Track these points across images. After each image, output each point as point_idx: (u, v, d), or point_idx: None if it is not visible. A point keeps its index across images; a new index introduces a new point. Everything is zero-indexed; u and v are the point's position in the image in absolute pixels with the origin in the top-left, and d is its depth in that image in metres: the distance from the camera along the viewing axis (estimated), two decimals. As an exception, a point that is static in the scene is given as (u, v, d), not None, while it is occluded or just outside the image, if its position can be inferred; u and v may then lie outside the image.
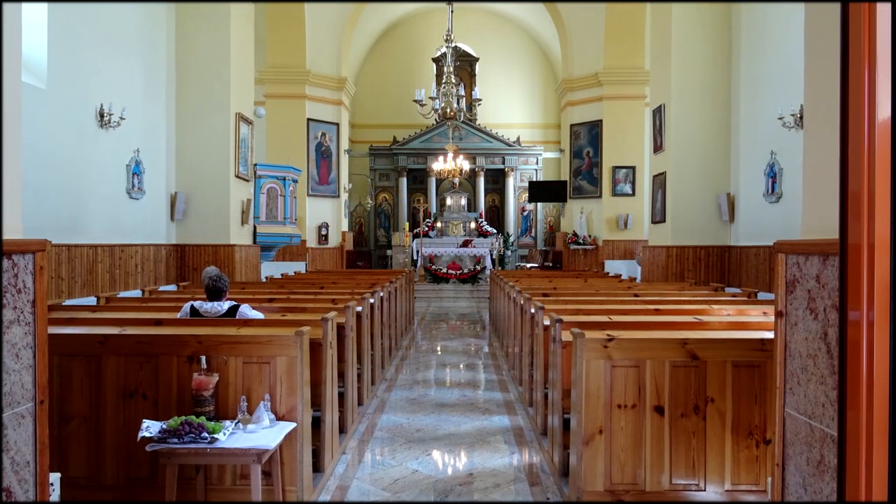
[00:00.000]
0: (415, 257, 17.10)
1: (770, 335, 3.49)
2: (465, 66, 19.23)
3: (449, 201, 19.49)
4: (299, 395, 3.56)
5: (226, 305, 4.56)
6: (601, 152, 15.78)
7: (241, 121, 10.10)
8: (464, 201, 19.44)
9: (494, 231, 18.82)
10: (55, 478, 2.75)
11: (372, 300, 6.50)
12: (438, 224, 18.91)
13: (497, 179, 19.96)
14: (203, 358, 3.49)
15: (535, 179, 19.12)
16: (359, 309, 5.71)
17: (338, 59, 16.14)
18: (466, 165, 16.94)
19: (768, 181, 8.82)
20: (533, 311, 5.53)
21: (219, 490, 3.57)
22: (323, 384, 4.06)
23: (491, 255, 16.75)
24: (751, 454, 3.51)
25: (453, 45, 13.52)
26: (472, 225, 18.95)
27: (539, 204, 19.15)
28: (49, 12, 6.93)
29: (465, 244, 17.51)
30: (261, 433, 3.29)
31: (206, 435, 3.12)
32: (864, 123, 1.92)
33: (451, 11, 13.49)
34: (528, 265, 17.84)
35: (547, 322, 4.81)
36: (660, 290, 7.75)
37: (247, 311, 4.59)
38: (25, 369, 2.20)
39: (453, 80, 13.21)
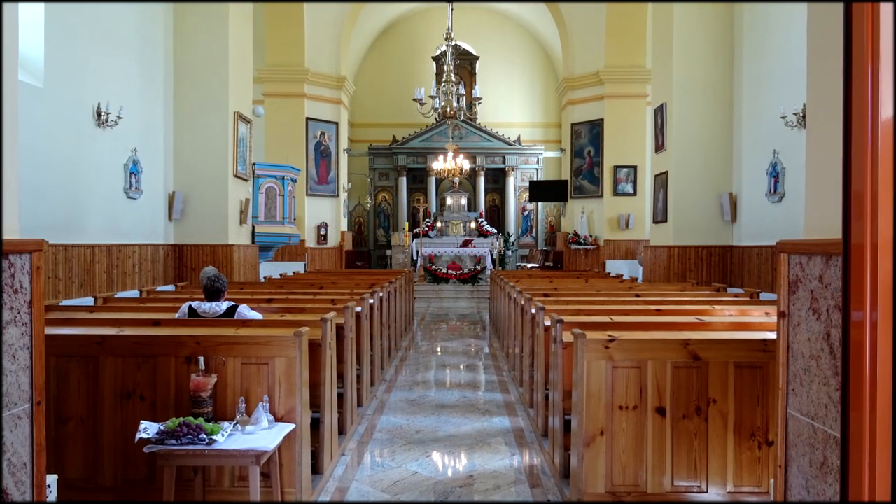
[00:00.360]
0: (414, 257, 17.07)
1: (772, 336, 3.48)
2: (466, 64, 19.17)
3: (449, 201, 19.46)
4: (298, 396, 3.54)
5: (224, 306, 4.54)
6: (602, 151, 15.75)
7: (239, 120, 10.07)
8: (464, 201, 19.40)
9: (495, 231, 18.78)
10: (52, 479, 2.75)
11: (371, 301, 6.47)
12: (438, 224, 18.88)
13: (497, 179, 19.92)
14: (201, 359, 3.47)
15: (535, 179, 19.09)
16: (358, 309, 5.68)
17: (337, 57, 16.10)
18: (466, 165, 16.90)
19: (771, 180, 8.78)
20: (534, 311, 5.50)
21: (217, 492, 3.55)
22: (322, 385, 4.04)
23: (491, 255, 16.73)
24: (753, 456, 3.49)
25: (453, 43, 13.46)
26: (473, 225, 18.92)
27: (540, 203, 19.12)
28: (46, 10, 6.89)
29: (466, 244, 17.48)
30: (259, 434, 3.27)
31: (205, 436, 3.10)
32: (868, 122, 1.92)
33: (452, 10, 13.44)
34: (529, 265, 17.81)
35: (548, 322, 4.79)
36: (661, 290, 7.73)
37: (245, 311, 4.56)
38: (22, 370, 2.20)
39: (453, 79, 13.16)
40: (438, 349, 9.13)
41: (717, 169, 10.13)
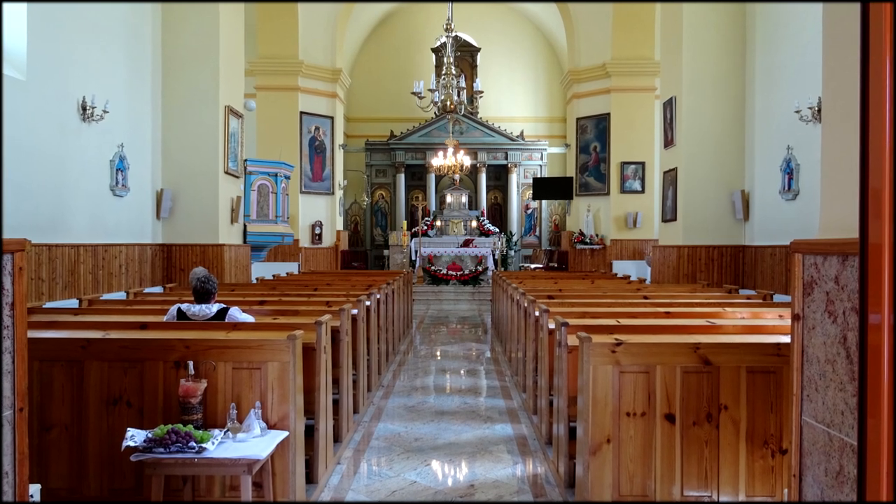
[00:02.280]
0: (413, 258, 16.97)
1: (786, 339, 3.39)
2: (466, 56, 19.05)
3: (449, 199, 19.37)
4: (292, 402, 3.48)
5: (214, 308, 4.50)
6: (609, 147, 15.62)
7: (230, 114, 9.94)
8: (465, 199, 19.31)
9: (497, 230, 18.72)
10: (35, 489, 2.72)
11: (368, 303, 6.43)
12: (438, 223, 18.79)
13: (499, 176, 19.86)
14: (190, 363, 3.42)
15: (539, 176, 19.00)
16: (354, 312, 5.61)
17: (332, 49, 15.94)
18: (467, 161, 16.83)
19: (784, 177, 8.66)
20: (537, 313, 5.46)
21: (207, 501, 3.49)
22: (316, 391, 4.00)
23: (493, 256, 16.64)
24: (766, 464, 3.42)
25: (454, 34, 13.34)
26: (474, 223, 18.84)
27: (544, 201, 19.03)
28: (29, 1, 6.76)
29: (466, 244, 17.42)
30: (251, 442, 3.23)
31: (194, 444, 3.06)
32: (886, 117, 1.86)
33: (452, 2, 13.33)
34: (533, 266, 17.77)
35: (552, 325, 4.74)
36: (670, 291, 7.69)
37: (236, 313, 4.52)
38: (4, 375, 2.15)
39: (453, 72, 13.06)
40: (438, 353, 9.05)
41: (728, 165, 9.99)
